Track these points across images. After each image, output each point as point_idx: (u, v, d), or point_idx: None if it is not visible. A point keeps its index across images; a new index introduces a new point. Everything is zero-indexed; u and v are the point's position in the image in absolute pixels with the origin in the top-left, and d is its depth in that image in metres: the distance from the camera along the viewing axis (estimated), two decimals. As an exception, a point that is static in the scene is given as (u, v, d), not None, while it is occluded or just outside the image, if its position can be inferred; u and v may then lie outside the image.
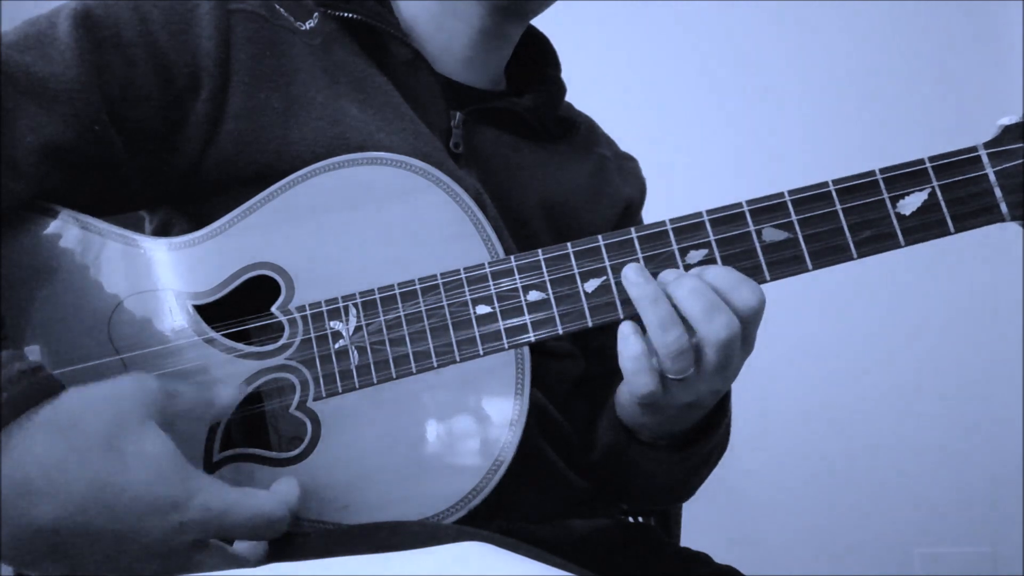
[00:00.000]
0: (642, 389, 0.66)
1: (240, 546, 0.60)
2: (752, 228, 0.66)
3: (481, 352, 0.67)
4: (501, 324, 0.67)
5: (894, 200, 0.66)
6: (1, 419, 0.51)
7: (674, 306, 0.64)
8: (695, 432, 0.78)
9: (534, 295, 0.67)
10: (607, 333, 0.68)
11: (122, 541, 0.52)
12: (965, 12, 2.02)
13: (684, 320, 0.64)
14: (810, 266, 0.66)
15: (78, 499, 0.51)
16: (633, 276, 0.65)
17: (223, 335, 0.67)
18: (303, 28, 0.78)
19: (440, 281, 0.68)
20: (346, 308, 0.68)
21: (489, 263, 0.68)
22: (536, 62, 0.95)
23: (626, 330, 0.66)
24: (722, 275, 0.65)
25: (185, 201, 0.76)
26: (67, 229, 0.68)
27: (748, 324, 0.66)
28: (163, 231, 0.79)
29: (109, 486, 0.52)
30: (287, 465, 0.66)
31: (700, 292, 0.63)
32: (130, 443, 0.53)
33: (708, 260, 0.66)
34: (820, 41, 2.10)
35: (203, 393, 0.62)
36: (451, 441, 0.67)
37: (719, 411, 0.78)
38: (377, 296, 0.68)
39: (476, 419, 0.67)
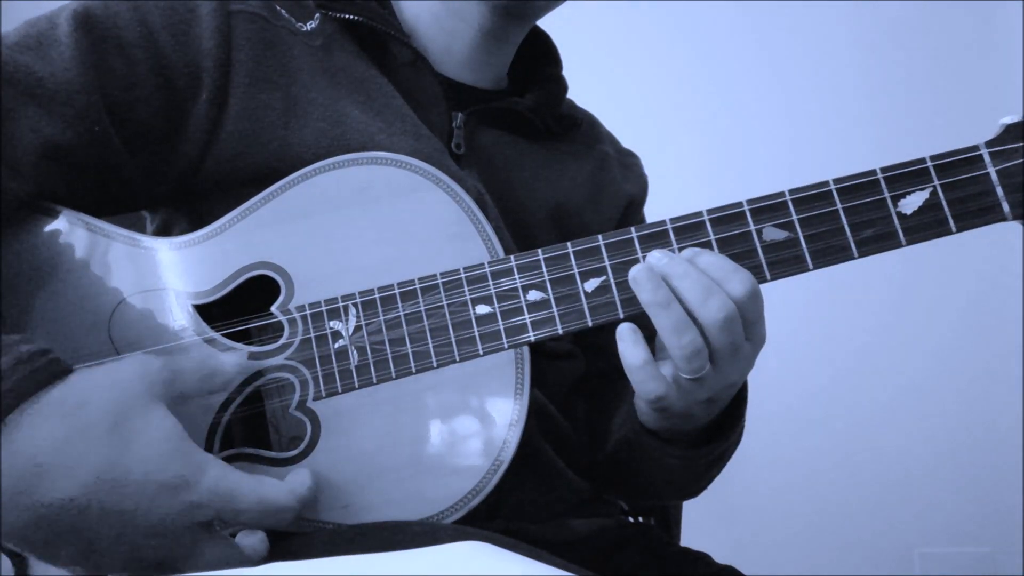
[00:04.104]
0: (652, 394, 0.66)
1: (242, 540, 0.60)
2: (752, 227, 0.66)
3: (481, 352, 0.67)
4: (501, 324, 0.67)
5: (895, 199, 0.65)
6: (3, 402, 0.51)
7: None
8: (714, 428, 0.78)
9: (534, 295, 0.67)
10: (607, 331, 0.68)
11: (130, 519, 0.53)
12: (965, 12, 2.02)
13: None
14: (811, 266, 0.66)
15: (88, 478, 0.51)
16: (643, 281, 0.64)
17: (223, 335, 0.67)
18: (304, 29, 0.78)
19: (440, 281, 0.68)
20: (346, 308, 0.68)
21: (489, 263, 0.68)
22: (537, 60, 0.95)
23: (627, 337, 0.65)
24: (715, 264, 0.65)
25: (186, 201, 0.76)
26: (67, 229, 0.68)
27: (745, 312, 0.65)
28: (164, 231, 0.79)
29: (118, 465, 0.52)
30: (287, 465, 0.66)
31: (692, 276, 0.63)
32: (138, 423, 0.54)
33: (709, 260, 0.66)
34: (821, 40, 2.10)
35: (207, 364, 0.63)
36: (451, 441, 0.67)
37: (737, 406, 0.78)
38: (377, 296, 0.68)
39: (476, 419, 0.67)
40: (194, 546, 0.55)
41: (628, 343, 0.65)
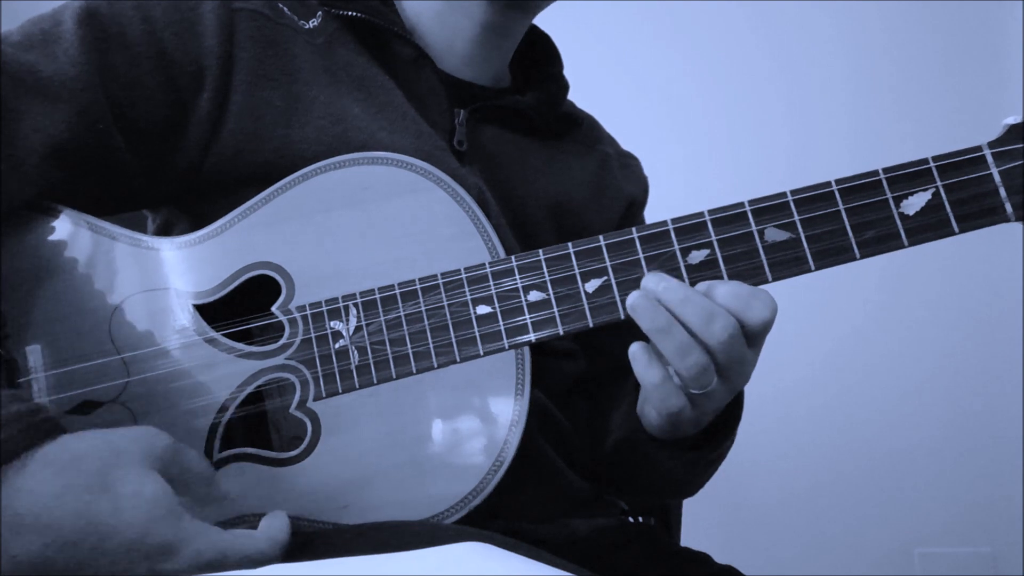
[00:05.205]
0: (672, 409, 0.67)
1: None
2: (754, 228, 0.66)
3: (481, 352, 0.67)
4: (501, 324, 0.67)
5: (897, 200, 0.65)
6: None
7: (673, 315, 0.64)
8: (713, 429, 0.78)
9: (535, 295, 0.67)
10: (608, 332, 0.68)
11: None
12: (966, 12, 2.01)
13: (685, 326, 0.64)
14: (812, 266, 0.66)
15: (67, 536, 0.50)
16: (641, 309, 0.64)
17: (224, 335, 0.67)
18: (306, 27, 0.78)
19: (440, 281, 0.68)
20: (346, 308, 0.68)
21: (490, 263, 0.68)
22: (538, 60, 0.95)
23: (641, 359, 0.65)
24: (732, 293, 0.64)
25: (187, 200, 0.76)
26: (69, 228, 0.68)
27: (763, 331, 0.66)
28: (165, 230, 0.79)
29: (100, 526, 0.51)
30: (287, 465, 0.66)
31: (693, 302, 0.63)
32: (127, 486, 0.52)
33: (710, 260, 0.66)
34: (823, 41, 2.10)
35: (208, 466, 0.62)
36: (451, 442, 0.66)
37: (735, 406, 0.78)
38: (377, 296, 0.67)
39: (477, 420, 0.67)
40: None
41: (642, 364, 0.65)
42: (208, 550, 0.54)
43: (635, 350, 0.66)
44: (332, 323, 0.67)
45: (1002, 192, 0.64)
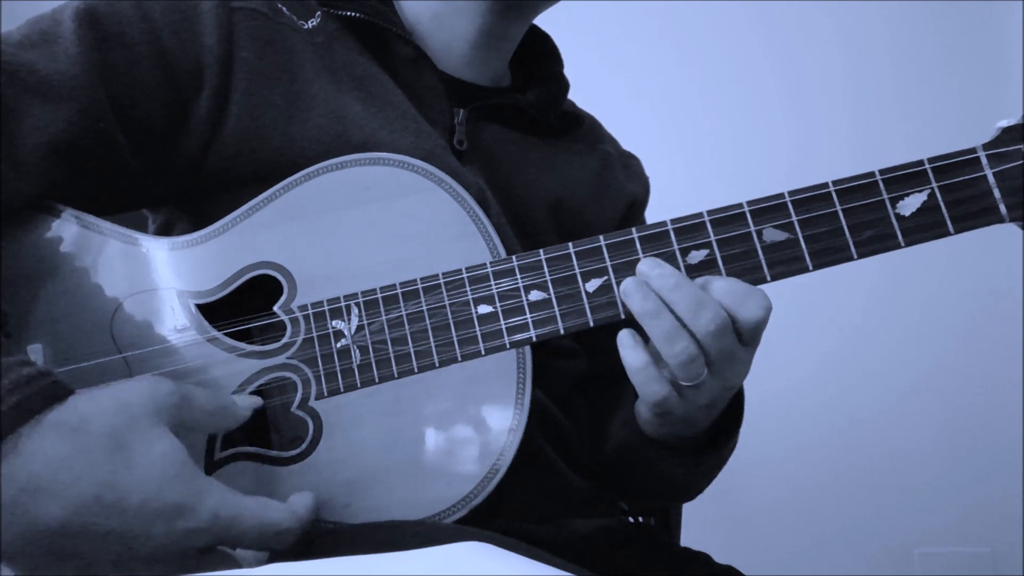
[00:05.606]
0: (654, 397, 0.67)
1: (243, 552, 0.59)
2: (753, 228, 0.66)
3: (483, 351, 0.67)
4: (503, 323, 0.67)
5: (894, 201, 0.66)
6: (3, 423, 0.50)
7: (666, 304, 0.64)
8: (714, 433, 0.78)
9: (535, 295, 0.67)
10: (609, 331, 0.69)
11: (128, 544, 0.52)
12: (965, 13, 2.01)
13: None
14: (810, 266, 0.66)
15: (84, 499, 0.50)
16: (633, 292, 0.65)
17: (225, 334, 0.67)
18: (305, 27, 0.79)
19: (442, 280, 0.68)
20: (348, 307, 0.68)
21: (491, 263, 0.68)
22: (539, 60, 0.96)
23: (627, 342, 0.66)
24: (727, 289, 0.65)
25: (188, 199, 0.77)
26: (70, 228, 0.68)
27: (756, 331, 0.66)
28: (166, 230, 0.79)
29: (116, 488, 0.51)
30: (288, 464, 0.66)
31: (684, 289, 0.64)
32: (139, 445, 0.53)
33: (709, 260, 0.67)
34: (821, 41, 2.10)
35: (220, 399, 0.62)
36: (452, 442, 0.67)
37: (736, 411, 0.78)
38: (379, 295, 0.68)
39: (476, 423, 0.67)
40: (194, 568, 0.54)
41: (628, 347, 0.66)
42: (225, 510, 0.54)
43: (623, 334, 0.66)
44: (334, 322, 0.68)
45: (996, 193, 0.65)
